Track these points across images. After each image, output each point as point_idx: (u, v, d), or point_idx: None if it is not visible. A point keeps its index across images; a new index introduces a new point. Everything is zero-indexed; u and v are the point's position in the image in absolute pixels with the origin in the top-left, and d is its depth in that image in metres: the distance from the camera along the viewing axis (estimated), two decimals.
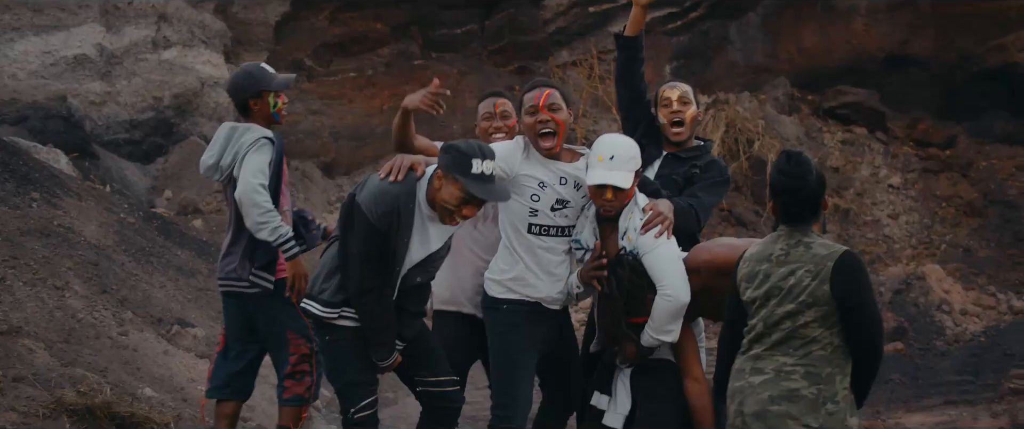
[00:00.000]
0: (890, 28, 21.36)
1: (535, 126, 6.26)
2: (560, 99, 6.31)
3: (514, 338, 6.28)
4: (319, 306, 5.92)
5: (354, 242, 5.77)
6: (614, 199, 6.01)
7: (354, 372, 5.98)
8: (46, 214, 11.46)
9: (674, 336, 5.92)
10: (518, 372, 6.29)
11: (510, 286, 6.29)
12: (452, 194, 5.74)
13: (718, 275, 5.79)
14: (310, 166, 18.84)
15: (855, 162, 19.57)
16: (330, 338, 5.98)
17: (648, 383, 6.20)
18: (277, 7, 19.52)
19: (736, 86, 20.77)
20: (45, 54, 16.83)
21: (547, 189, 6.24)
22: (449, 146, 5.85)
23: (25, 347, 8.14)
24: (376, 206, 5.71)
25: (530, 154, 6.31)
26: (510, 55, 21.05)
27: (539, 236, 6.27)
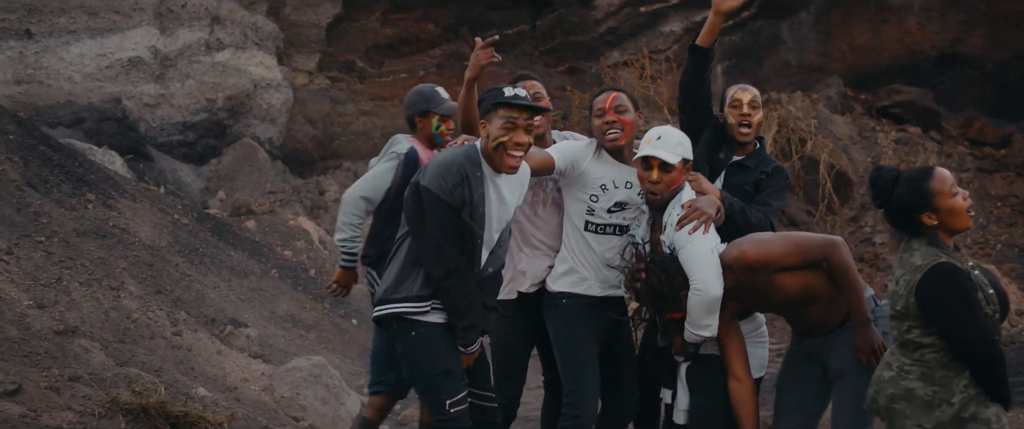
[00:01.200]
0: (942, 26, 21.18)
1: (602, 127, 6.44)
2: (627, 101, 6.50)
3: (577, 329, 6.43)
4: (408, 303, 5.83)
5: (430, 227, 5.72)
6: (659, 181, 6.07)
7: (447, 362, 5.86)
8: (101, 215, 11.56)
9: (712, 330, 5.89)
10: (585, 360, 6.42)
11: (567, 282, 6.48)
12: (497, 127, 5.76)
13: (749, 271, 5.82)
14: (362, 167, 18.87)
15: (909, 162, 19.39)
16: (417, 333, 5.85)
17: (697, 378, 6.25)
18: (329, 9, 19.61)
19: (788, 85, 20.66)
20: (100, 57, 16.99)
21: (608, 192, 6.42)
22: (481, 96, 5.93)
23: (81, 347, 8.20)
24: (445, 181, 5.68)
25: (600, 155, 6.48)
26: (561, 55, 21.04)
27: (595, 234, 6.45)
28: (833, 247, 5.86)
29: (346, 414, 9.91)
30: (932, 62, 21.19)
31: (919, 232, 5.18)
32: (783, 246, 5.90)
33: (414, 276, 5.83)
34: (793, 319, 6.19)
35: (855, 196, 18.33)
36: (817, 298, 5.92)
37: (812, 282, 5.88)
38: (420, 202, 5.73)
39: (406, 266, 5.87)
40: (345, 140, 19.65)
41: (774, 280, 5.84)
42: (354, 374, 11.67)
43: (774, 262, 5.81)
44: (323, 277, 14.66)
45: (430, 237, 5.73)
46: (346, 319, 13.50)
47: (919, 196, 5.18)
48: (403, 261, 5.88)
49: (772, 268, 5.82)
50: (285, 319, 12.49)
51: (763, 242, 5.95)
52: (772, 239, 6.01)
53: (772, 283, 5.85)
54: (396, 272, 5.90)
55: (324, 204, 17.57)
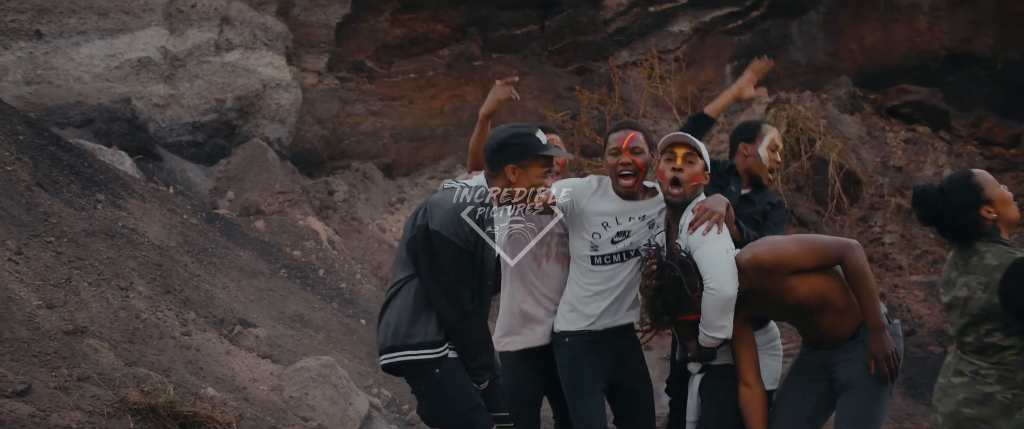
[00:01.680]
0: (952, 26, 21.15)
1: (616, 166, 6.39)
2: (643, 143, 6.42)
3: (579, 367, 6.39)
4: (423, 350, 5.74)
5: (444, 271, 5.64)
6: (682, 169, 6.09)
7: (473, 395, 5.81)
8: (111, 215, 11.58)
9: (727, 333, 5.87)
10: (588, 400, 6.38)
11: (570, 320, 6.43)
12: (537, 174, 5.78)
13: (763, 273, 5.80)
14: (371, 167, 18.91)
15: (918, 161, 19.37)
16: (440, 370, 5.75)
17: (710, 387, 6.22)
18: (338, 9, 19.62)
19: (797, 85, 20.64)
20: (110, 57, 17.01)
21: (610, 228, 6.37)
22: (504, 140, 5.80)
23: (90, 347, 8.23)
24: (461, 226, 5.63)
25: (606, 192, 6.45)
26: (570, 56, 21.04)
27: (602, 266, 6.40)
28: (849, 249, 5.84)
29: (354, 414, 9.92)
30: (941, 62, 21.16)
31: (977, 235, 5.19)
32: (797, 247, 5.88)
33: (425, 320, 5.75)
34: (805, 328, 6.14)
35: (864, 196, 18.30)
36: (829, 306, 5.88)
37: (825, 288, 5.85)
38: (432, 247, 5.65)
39: (416, 310, 5.77)
40: (354, 140, 19.65)
41: (787, 283, 5.82)
42: (363, 374, 11.69)
43: (788, 263, 5.79)
44: (331, 277, 14.67)
45: (443, 282, 5.66)
46: (355, 319, 13.51)
47: (971, 192, 5.27)
48: (412, 305, 5.78)
49: (786, 270, 5.80)
50: (294, 319, 12.50)
51: (777, 244, 5.94)
52: (786, 241, 5.99)
53: (785, 287, 5.83)
54: (406, 317, 5.78)
55: (333, 204, 17.58)
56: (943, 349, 13.59)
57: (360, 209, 17.74)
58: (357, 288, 14.80)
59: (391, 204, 18.47)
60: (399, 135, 19.84)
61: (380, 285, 15.48)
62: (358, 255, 16.29)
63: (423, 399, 5.89)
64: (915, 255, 17.52)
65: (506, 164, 5.76)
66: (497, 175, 5.81)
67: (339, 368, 10.18)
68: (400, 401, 11.52)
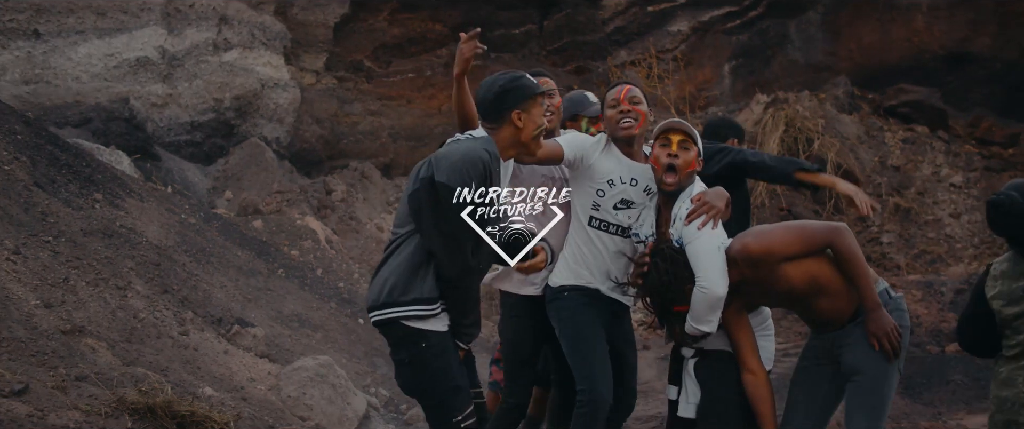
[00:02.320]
0: (950, 25, 21.12)
1: (616, 116, 6.46)
2: (640, 94, 6.55)
3: (582, 317, 6.38)
4: (417, 306, 5.61)
5: (447, 224, 5.53)
6: (677, 155, 6.12)
7: (456, 376, 5.71)
8: (108, 215, 11.58)
9: (712, 327, 5.91)
10: (592, 346, 6.35)
11: (569, 276, 6.45)
12: (538, 113, 5.81)
13: (753, 263, 5.82)
14: (369, 166, 18.91)
15: (916, 161, 19.37)
16: (426, 345, 5.63)
17: (708, 374, 6.22)
18: (336, 9, 19.64)
19: (796, 85, 20.62)
20: (108, 57, 17.03)
21: (615, 187, 6.40)
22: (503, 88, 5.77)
23: (88, 346, 8.23)
24: (468, 177, 5.49)
25: (609, 150, 6.48)
26: (568, 55, 21.05)
27: (597, 230, 6.43)
28: (837, 232, 5.86)
29: (352, 414, 9.92)
30: (940, 61, 21.13)
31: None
32: (785, 235, 5.91)
33: (423, 276, 5.63)
34: (803, 313, 6.18)
35: None
36: (824, 290, 5.90)
37: (817, 272, 5.87)
38: (436, 199, 5.53)
39: (414, 266, 5.64)
40: (352, 140, 19.67)
41: (779, 271, 5.84)
42: (360, 374, 11.69)
43: (777, 252, 5.81)
44: (329, 277, 14.67)
45: (447, 235, 5.56)
46: (353, 319, 13.51)
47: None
48: (409, 262, 5.65)
49: (776, 258, 5.81)
50: (292, 319, 12.50)
51: (765, 233, 5.96)
52: (774, 229, 6.02)
53: (777, 274, 5.84)
54: (402, 273, 5.64)
55: (331, 204, 17.59)
56: (941, 349, 13.60)
57: (358, 209, 17.75)
58: (355, 288, 14.79)
59: (389, 204, 18.47)
60: (397, 135, 19.84)
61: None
62: (356, 255, 16.30)
63: (403, 367, 5.77)
64: (913, 255, 17.53)
65: (511, 110, 5.75)
66: (502, 124, 5.78)
67: (337, 368, 10.18)
68: (398, 401, 11.52)
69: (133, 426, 7.10)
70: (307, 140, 19.25)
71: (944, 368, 13.11)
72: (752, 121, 18.88)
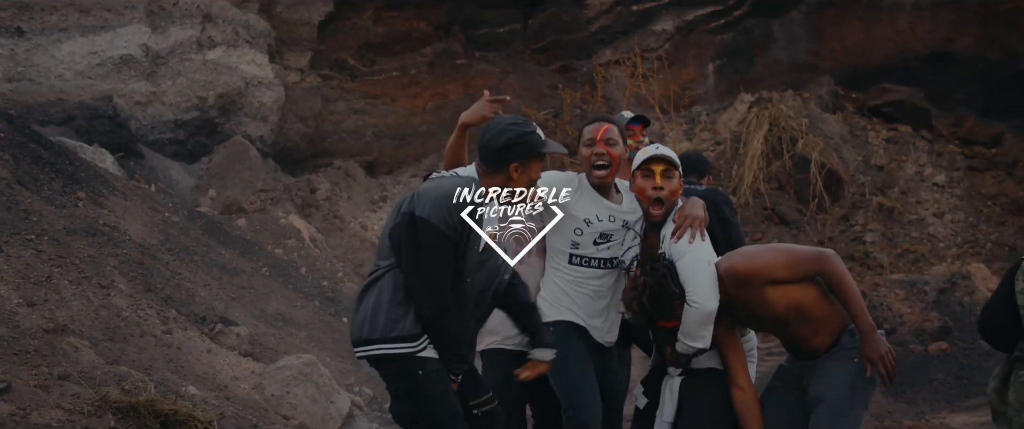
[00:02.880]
0: (934, 25, 21.20)
1: (590, 157, 6.37)
2: (617, 135, 6.41)
3: (569, 348, 6.25)
4: (402, 345, 5.56)
5: (426, 262, 5.46)
6: (662, 186, 6.09)
7: (453, 402, 5.65)
8: (92, 213, 11.55)
9: (705, 342, 5.85)
10: (579, 372, 6.24)
11: (553, 312, 6.33)
12: (537, 170, 5.73)
13: (739, 284, 5.77)
14: (353, 165, 18.89)
15: (900, 160, 19.44)
16: (423, 372, 5.55)
17: (693, 390, 6.18)
18: (321, 7, 19.62)
19: (780, 84, 20.67)
20: (91, 54, 16.98)
21: (592, 226, 6.31)
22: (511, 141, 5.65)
23: (71, 345, 8.21)
24: (452, 215, 5.45)
25: (584, 190, 6.39)
26: (553, 54, 21.07)
27: (579, 267, 6.34)
28: (824, 260, 5.81)
29: (336, 413, 9.91)
30: (923, 61, 21.20)
31: None
32: (773, 257, 5.86)
33: (404, 313, 5.57)
34: (783, 340, 6.13)
35: (846, 195, 18.36)
36: (806, 317, 5.85)
37: (802, 299, 5.83)
38: (416, 235, 5.47)
39: (394, 302, 5.58)
40: (337, 138, 19.65)
41: (764, 294, 5.78)
42: (344, 373, 11.68)
43: (764, 274, 5.76)
44: (313, 275, 14.66)
45: (424, 272, 5.48)
46: (336, 318, 13.50)
47: None
48: (390, 297, 5.60)
49: (762, 280, 5.76)
50: (275, 317, 12.49)
51: (753, 254, 5.92)
52: (762, 251, 5.98)
53: (762, 298, 5.79)
54: (384, 308, 5.60)
55: (315, 202, 17.57)
56: (924, 348, 13.64)
57: (342, 207, 17.73)
58: (339, 286, 14.78)
59: (373, 202, 18.46)
60: (381, 133, 19.83)
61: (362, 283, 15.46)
62: (340, 253, 16.29)
63: (399, 398, 5.72)
64: (896, 254, 17.58)
65: (511, 163, 5.67)
66: (498, 173, 5.69)
67: (321, 366, 10.16)
68: (382, 400, 11.51)
69: (116, 425, 7.09)
70: (291, 138, 19.23)
71: (927, 367, 13.15)
72: (736, 120, 18.94)
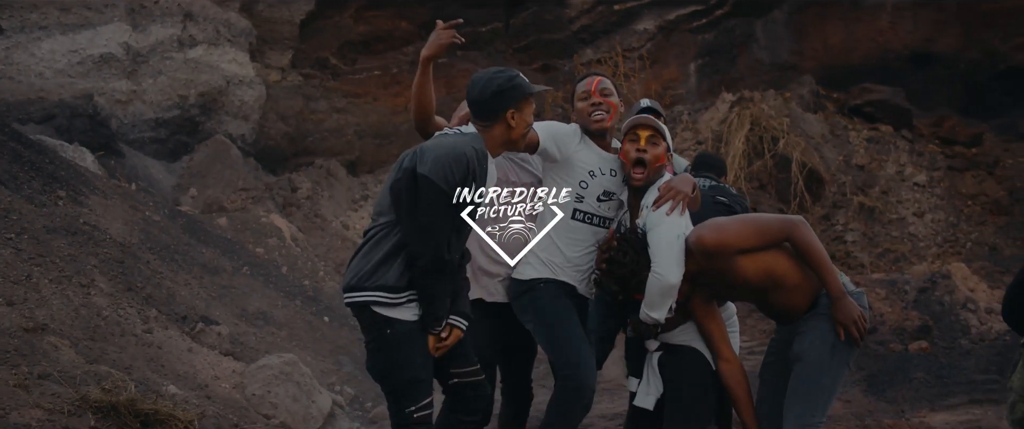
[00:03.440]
0: (915, 25, 21.26)
1: (588, 109, 6.40)
2: (611, 85, 6.48)
3: (560, 305, 6.25)
4: (382, 292, 5.62)
5: (424, 216, 5.51)
6: (646, 149, 6.13)
7: (416, 368, 5.68)
8: (72, 212, 11.51)
9: (661, 315, 5.89)
10: (574, 331, 6.22)
11: (545, 269, 6.30)
12: (530, 112, 5.80)
13: (709, 256, 5.80)
14: (334, 164, 18.87)
15: (880, 160, 19.48)
16: (391, 332, 5.63)
17: (673, 369, 6.20)
18: (302, 6, 19.60)
19: (761, 84, 20.71)
20: (72, 53, 16.93)
21: (596, 178, 6.32)
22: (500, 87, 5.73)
23: (50, 344, 8.17)
24: (452, 173, 5.50)
25: (585, 142, 6.40)
26: (534, 53, 21.09)
27: (582, 223, 6.32)
28: (793, 226, 5.86)
29: (317, 412, 9.89)
30: (904, 61, 21.26)
31: None
32: (741, 228, 5.89)
33: (392, 265, 5.63)
34: (761, 306, 6.17)
35: (827, 194, 18.39)
36: (779, 284, 5.88)
37: (773, 266, 5.86)
38: (416, 191, 5.53)
39: (386, 256, 5.65)
40: (318, 137, 19.62)
41: (735, 264, 5.81)
42: (326, 372, 11.66)
43: (732, 245, 5.78)
44: (294, 274, 14.63)
45: (423, 227, 5.53)
46: (318, 317, 13.48)
47: None
48: (384, 251, 5.66)
49: (731, 251, 5.79)
50: (256, 317, 12.46)
51: (721, 226, 5.93)
52: (730, 222, 6.00)
53: (733, 267, 5.82)
54: (373, 260, 5.66)
55: (296, 201, 17.54)
56: (904, 347, 13.66)
57: (324, 206, 17.71)
58: (320, 285, 14.76)
59: (354, 201, 18.44)
60: (363, 132, 19.81)
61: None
62: (321, 252, 16.26)
63: (370, 351, 5.79)
64: (877, 253, 17.62)
65: (506, 110, 5.73)
66: (495, 122, 5.75)
67: (302, 366, 10.14)
68: (363, 399, 11.50)
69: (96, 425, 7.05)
70: (272, 137, 19.20)
71: (907, 366, 13.17)
72: (718, 120, 18.94)
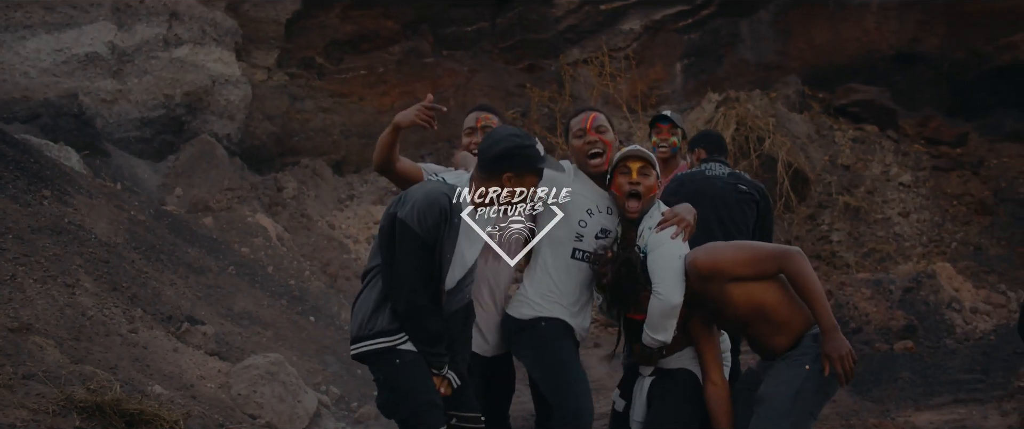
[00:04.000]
0: (900, 25, 21.30)
1: (584, 148, 6.32)
2: (606, 122, 6.38)
3: (562, 344, 6.21)
4: (382, 338, 5.70)
5: (400, 260, 5.60)
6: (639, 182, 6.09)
7: (431, 392, 5.71)
8: (57, 212, 11.48)
9: (667, 336, 5.86)
10: (575, 368, 6.17)
11: (546, 308, 6.25)
12: (530, 184, 5.75)
13: (702, 279, 5.78)
14: (320, 164, 18.85)
15: (866, 160, 19.53)
16: (400, 361, 5.69)
17: (661, 389, 6.18)
18: (288, 5, 19.56)
19: (747, 84, 20.72)
20: (57, 52, 16.89)
21: (594, 217, 6.28)
22: (508, 151, 5.71)
23: (35, 344, 8.15)
24: (425, 218, 5.56)
25: (580, 178, 6.35)
26: (520, 53, 21.07)
27: (581, 262, 6.27)
28: (788, 257, 5.80)
29: (303, 412, 9.89)
30: (889, 61, 21.31)
31: None
32: (735, 254, 5.86)
33: (384, 310, 5.71)
34: (748, 340, 6.12)
35: (812, 194, 18.43)
36: (767, 318, 5.84)
37: (763, 298, 5.82)
38: (394, 235, 5.62)
39: (379, 300, 5.73)
40: (304, 137, 19.59)
41: (726, 291, 5.79)
42: (311, 372, 11.65)
43: (726, 271, 5.76)
44: (280, 274, 14.61)
45: (398, 271, 5.61)
46: (303, 317, 13.47)
47: None
48: (376, 296, 5.75)
49: (724, 277, 5.77)
50: (242, 316, 12.45)
51: (716, 250, 5.92)
52: (726, 247, 5.97)
53: (724, 294, 5.79)
54: (370, 307, 5.76)
55: (282, 201, 17.52)
56: (890, 346, 13.71)
57: (309, 206, 17.69)
58: (306, 285, 14.75)
59: (340, 201, 18.42)
60: (349, 132, 19.78)
61: (329, 282, 15.43)
62: (307, 252, 16.24)
63: (381, 387, 5.85)
64: (862, 253, 17.66)
65: (504, 172, 5.72)
66: (491, 179, 5.75)
67: (288, 366, 10.14)
68: (349, 399, 11.49)
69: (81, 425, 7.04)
70: (258, 137, 19.17)
71: (892, 365, 13.21)
72: (703, 120, 18.95)
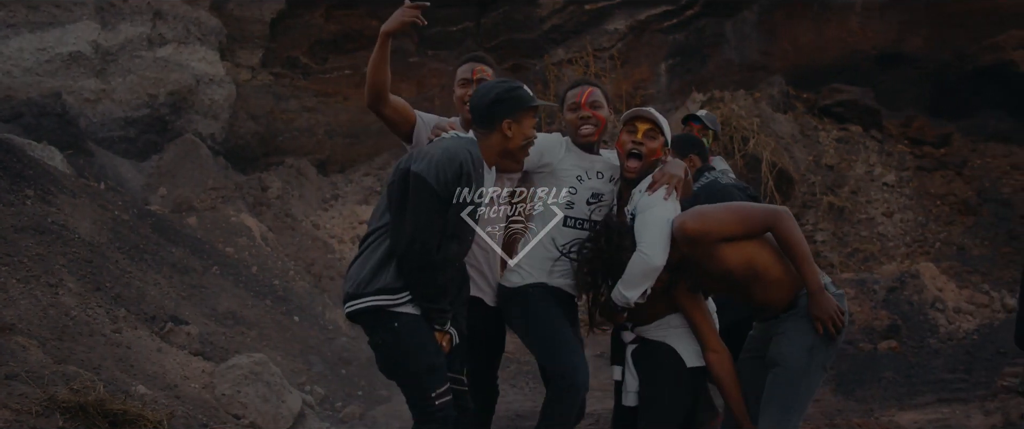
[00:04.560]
0: (884, 26, 21.33)
1: (577, 121, 6.38)
2: (601, 97, 6.43)
3: (554, 310, 6.22)
4: (382, 295, 5.67)
5: (412, 215, 5.58)
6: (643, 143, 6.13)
7: (431, 354, 5.70)
8: (40, 211, 11.45)
9: (634, 296, 5.84)
10: (567, 334, 6.20)
11: (541, 275, 6.28)
12: (530, 125, 5.83)
13: (690, 242, 5.78)
14: (305, 163, 18.83)
15: (850, 160, 19.56)
16: (398, 324, 5.68)
17: (647, 367, 6.18)
18: (272, 4, 19.53)
19: (731, 84, 20.74)
20: (40, 51, 16.84)
21: (584, 182, 6.31)
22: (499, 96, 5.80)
23: (18, 344, 8.13)
24: (444, 172, 5.57)
25: (571, 149, 6.39)
26: (505, 53, 21.04)
27: (573, 229, 6.28)
28: (777, 216, 5.83)
29: (287, 412, 9.87)
30: (873, 62, 21.33)
31: None
32: (724, 215, 5.88)
33: (388, 267, 5.68)
34: (741, 299, 6.11)
35: (797, 194, 18.44)
36: (760, 276, 5.85)
37: (755, 257, 5.83)
38: (407, 189, 5.62)
39: (383, 260, 5.71)
40: (288, 136, 19.57)
41: (716, 252, 5.79)
42: (295, 372, 11.64)
43: (714, 231, 5.77)
44: (264, 274, 14.59)
45: (413, 223, 5.59)
46: (288, 316, 13.45)
47: None
48: (380, 256, 5.72)
49: (713, 238, 5.77)
50: (226, 316, 12.43)
51: (705, 212, 5.92)
52: (713, 210, 5.98)
53: (714, 255, 5.80)
54: (369, 266, 5.73)
55: (266, 201, 17.49)
56: (874, 346, 13.73)
57: (294, 206, 17.67)
58: (290, 285, 14.73)
59: (325, 201, 18.40)
60: (334, 132, 19.76)
61: (313, 282, 15.42)
62: (292, 252, 16.22)
63: (379, 350, 5.84)
64: (846, 253, 17.69)
65: (502, 119, 5.78)
66: (492, 131, 5.80)
67: (272, 366, 10.13)
68: (333, 399, 11.48)
69: (65, 425, 7.02)
70: (242, 136, 19.14)
71: (876, 365, 13.24)
72: None
